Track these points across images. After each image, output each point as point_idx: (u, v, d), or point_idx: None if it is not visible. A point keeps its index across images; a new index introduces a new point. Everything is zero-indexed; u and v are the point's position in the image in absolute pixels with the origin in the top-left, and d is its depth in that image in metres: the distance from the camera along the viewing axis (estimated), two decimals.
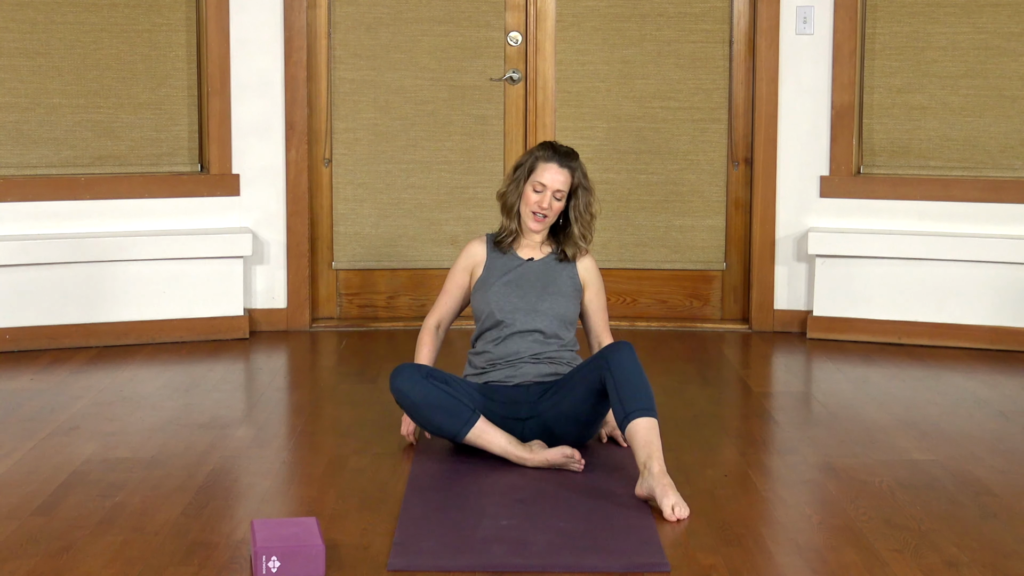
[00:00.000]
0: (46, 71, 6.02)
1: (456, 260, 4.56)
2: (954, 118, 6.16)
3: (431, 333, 4.53)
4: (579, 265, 4.49)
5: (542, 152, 4.41)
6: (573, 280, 4.46)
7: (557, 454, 4.13)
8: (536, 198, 4.38)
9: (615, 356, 4.08)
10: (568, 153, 4.42)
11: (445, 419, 4.18)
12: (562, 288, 4.43)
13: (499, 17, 6.33)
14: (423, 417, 4.21)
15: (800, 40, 6.19)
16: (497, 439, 4.18)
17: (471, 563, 3.46)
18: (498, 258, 4.47)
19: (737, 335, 6.28)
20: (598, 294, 4.54)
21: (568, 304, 4.42)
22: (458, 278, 4.53)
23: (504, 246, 4.48)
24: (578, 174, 4.41)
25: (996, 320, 5.98)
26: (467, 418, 4.17)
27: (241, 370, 5.70)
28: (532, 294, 4.39)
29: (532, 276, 4.43)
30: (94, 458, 4.34)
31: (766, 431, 4.78)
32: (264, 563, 3.34)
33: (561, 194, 4.38)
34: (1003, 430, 4.75)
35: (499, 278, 4.42)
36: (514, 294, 4.39)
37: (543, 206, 4.38)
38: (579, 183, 4.41)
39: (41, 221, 5.98)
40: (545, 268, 4.45)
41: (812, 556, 3.58)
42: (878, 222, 6.18)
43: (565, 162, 4.39)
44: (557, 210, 4.41)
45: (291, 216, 6.27)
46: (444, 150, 6.38)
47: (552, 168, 4.38)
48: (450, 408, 4.17)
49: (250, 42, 6.17)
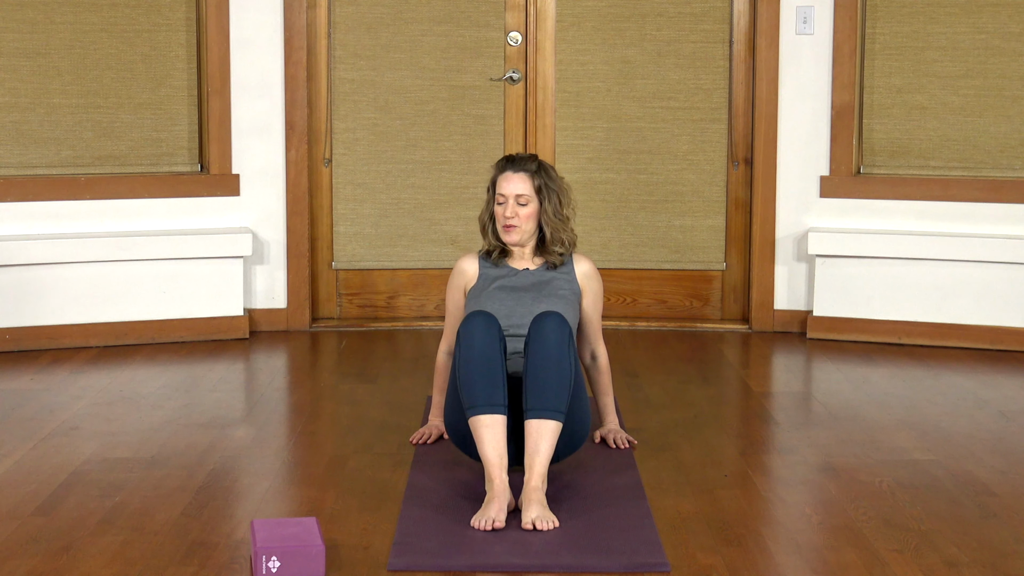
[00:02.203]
0: (46, 71, 6.02)
1: (450, 281, 4.43)
2: (954, 118, 6.16)
3: (444, 364, 4.41)
4: (577, 270, 4.36)
5: (498, 165, 4.33)
6: (571, 284, 4.33)
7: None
8: (500, 211, 4.28)
9: (535, 331, 3.90)
10: (523, 158, 4.31)
11: (479, 387, 3.85)
12: (558, 291, 4.29)
13: (499, 17, 6.33)
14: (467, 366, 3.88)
15: (800, 40, 6.19)
16: (493, 447, 3.83)
17: (471, 563, 3.46)
18: (491, 269, 4.35)
19: (737, 335, 6.28)
20: (595, 301, 4.39)
21: (566, 308, 4.25)
22: (456, 299, 4.41)
23: (495, 259, 4.36)
24: (540, 176, 4.28)
25: (996, 320, 5.98)
26: (497, 403, 3.85)
27: (241, 370, 5.70)
28: (528, 297, 4.26)
29: (527, 282, 4.31)
30: (94, 458, 4.34)
31: (766, 431, 4.78)
32: (264, 563, 3.34)
33: (524, 198, 4.25)
34: (1003, 430, 4.75)
35: (492, 283, 4.30)
36: (509, 298, 4.25)
37: (508, 216, 4.26)
38: (543, 184, 4.28)
39: (41, 221, 5.98)
40: (540, 275, 4.33)
41: (812, 556, 3.58)
42: (878, 222, 6.18)
43: (519, 166, 4.28)
44: (526, 217, 4.26)
45: (291, 216, 6.27)
46: (444, 150, 6.38)
47: (507, 176, 4.27)
48: (492, 384, 3.87)
49: (250, 42, 6.17)
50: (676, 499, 3.98)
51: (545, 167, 4.31)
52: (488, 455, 3.81)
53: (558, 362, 3.87)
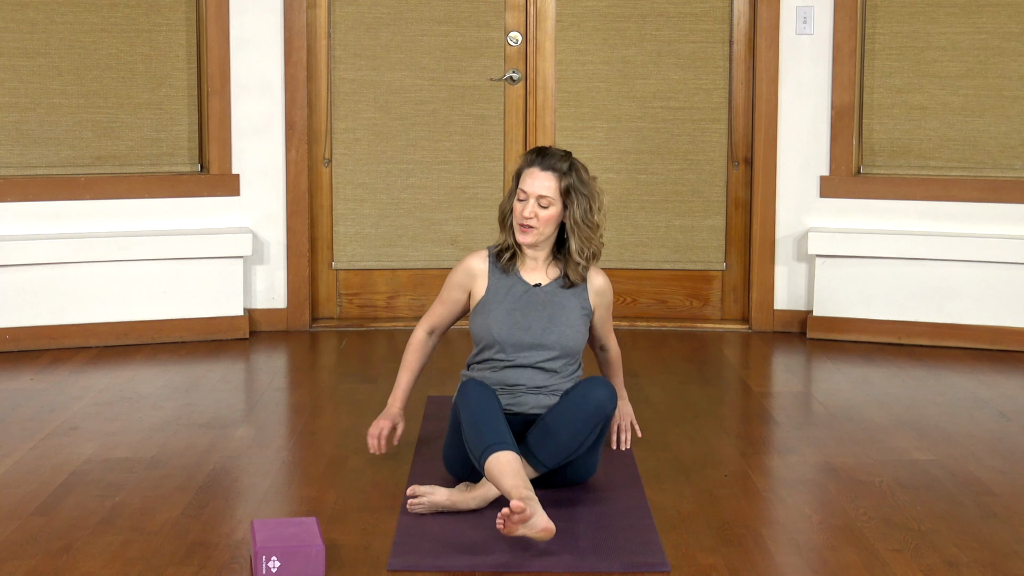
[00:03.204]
0: (46, 71, 6.02)
1: (453, 272, 4.14)
2: (954, 118, 6.16)
3: (421, 341, 4.20)
4: (590, 288, 4.06)
5: (526, 157, 4.00)
6: (584, 307, 4.06)
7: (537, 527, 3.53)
8: (519, 208, 3.96)
9: (584, 393, 3.83)
10: (555, 154, 3.97)
11: (486, 430, 3.73)
12: (571, 318, 4.02)
13: (499, 17, 6.33)
14: (469, 417, 3.78)
15: (800, 40, 6.19)
16: (510, 477, 3.62)
17: (471, 563, 3.46)
18: (500, 279, 4.05)
19: (737, 335, 6.28)
20: (606, 313, 4.15)
21: (576, 335, 4.02)
22: (455, 293, 4.13)
23: (505, 263, 4.05)
24: (569, 177, 3.94)
25: (996, 320, 5.98)
26: (502, 441, 3.70)
27: (241, 370, 5.70)
28: (538, 326, 3.99)
29: (538, 304, 4.02)
30: (94, 458, 4.34)
31: (766, 431, 4.78)
32: (264, 563, 3.34)
33: (547, 200, 3.93)
34: (1003, 430, 4.75)
35: (501, 304, 4.02)
36: (518, 326, 3.99)
37: (525, 216, 3.93)
38: (571, 186, 3.94)
39: (41, 221, 5.98)
40: (552, 296, 4.03)
41: (812, 556, 3.58)
42: (878, 222, 6.18)
43: (547, 164, 3.94)
44: (547, 220, 3.94)
45: (291, 216, 6.27)
46: (444, 150, 6.38)
47: (533, 172, 3.95)
48: (496, 425, 3.74)
49: (250, 42, 6.17)
50: (676, 499, 3.98)
51: (577, 167, 3.98)
52: (507, 486, 3.60)
53: (577, 433, 3.82)
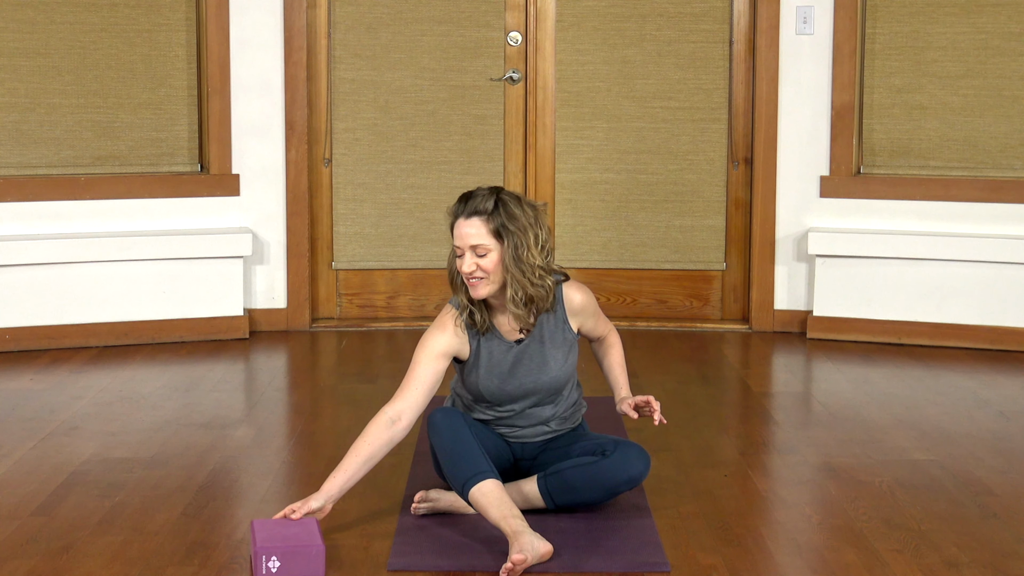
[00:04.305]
0: (46, 71, 6.02)
1: (425, 339, 3.74)
2: (954, 118, 6.16)
3: (381, 428, 3.68)
4: (569, 312, 3.80)
5: (452, 208, 3.67)
6: (567, 338, 3.81)
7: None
8: (460, 264, 3.65)
9: (618, 456, 3.72)
10: (478, 196, 3.63)
11: (462, 464, 3.61)
12: (558, 358, 3.79)
13: (499, 17, 6.33)
14: (443, 454, 3.68)
15: (800, 40, 6.19)
16: (496, 508, 3.53)
17: (471, 563, 3.46)
18: (481, 343, 3.76)
19: (737, 335, 6.28)
20: (594, 317, 3.89)
21: (566, 370, 3.80)
22: (434, 364, 3.72)
23: (481, 326, 3.75)
24: (497, 217, 3.60)
25: (996, 320, 5.98)
26: (480, 472, 3.60)
27: (241, 370, 5.70)
28: (529, 380, 3.77)
29: (524, 358, 3.77)
30: (94, 458, 4.34)
31: (766, 431, 4.78)
32: (264, 563, 3.34)
33: (483, 248, 3.60)
34: (1003, 430, 4.75)
35: (490, 372, 3.77)
36: (510, 385, 3.77)
37: (467, 271, 3.62)
38: (500, 227, 3.60)
39: (41, 221, 5.98)
40: (532, 337, 3.77)
41: (812, 556, 3.58)
42: (878, 222, 6.18)
43: (471, 210, 3.61)
44: (492, 268, 3.61)
45: (291, 216, 6.27)
46: (444, 150, 6.38)
47: (459, 224, 3.63)
48: (471, 456, 3.62)
49: (250, 42, 6.17)
50: (676, 499, 3.98)
51: (504, 202, 3.63)
52: (495, 517, 3.51)
53: (602, 497, 3.77)
